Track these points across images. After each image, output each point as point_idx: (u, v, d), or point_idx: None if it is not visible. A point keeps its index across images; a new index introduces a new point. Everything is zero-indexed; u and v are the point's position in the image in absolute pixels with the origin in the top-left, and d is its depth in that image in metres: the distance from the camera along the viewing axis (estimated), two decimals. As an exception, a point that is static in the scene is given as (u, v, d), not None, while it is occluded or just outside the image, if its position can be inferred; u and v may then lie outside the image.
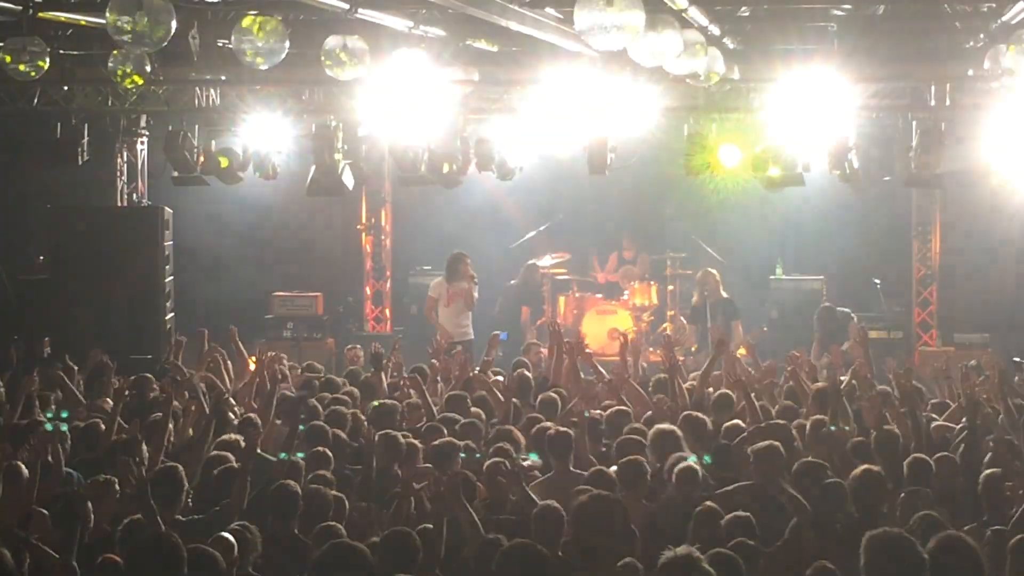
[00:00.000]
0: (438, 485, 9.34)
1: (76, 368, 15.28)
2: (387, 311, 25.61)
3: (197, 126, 19.24)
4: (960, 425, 12.54)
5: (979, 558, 7.51)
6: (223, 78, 18.89)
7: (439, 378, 15.49)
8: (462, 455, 11.35)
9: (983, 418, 12.34)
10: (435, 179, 19.48)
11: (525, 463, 11.14)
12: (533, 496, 9.54)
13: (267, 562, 9.12)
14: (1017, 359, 17.40)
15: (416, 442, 11.92)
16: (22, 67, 14.01)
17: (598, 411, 13.24)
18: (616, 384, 13.95)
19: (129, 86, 16.58)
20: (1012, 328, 21.47)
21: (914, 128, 18.06)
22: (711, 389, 14.22)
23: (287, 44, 13.78)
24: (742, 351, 18.22)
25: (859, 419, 13.00)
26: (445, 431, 12.29)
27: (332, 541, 8.52)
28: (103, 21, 11.98)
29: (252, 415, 12.99)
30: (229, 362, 15.98)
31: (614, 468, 10.76)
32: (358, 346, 19.74)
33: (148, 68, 15.64)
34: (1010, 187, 19.02)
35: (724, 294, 21.63)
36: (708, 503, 9.78)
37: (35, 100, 18.84)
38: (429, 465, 11.27)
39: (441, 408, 13.69)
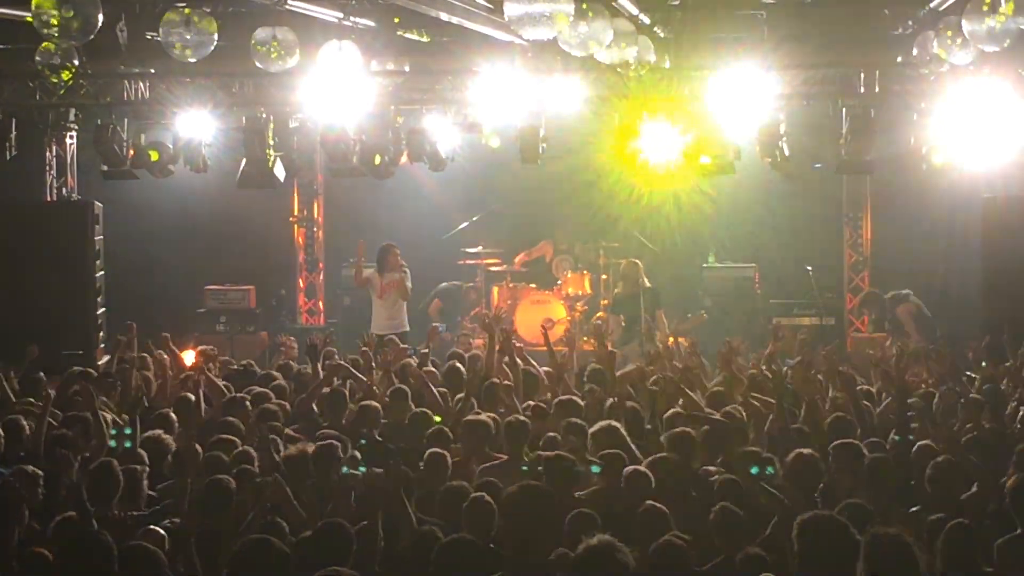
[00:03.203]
0: (373, 479, 9.29)
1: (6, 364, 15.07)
2: (320, 303, 25.57)
3: (126, 119, 19.08)
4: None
5: (912, 552, 7.50)
6: (152, 71, 18.77)
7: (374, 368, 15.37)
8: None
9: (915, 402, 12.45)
10: (367, 171, 19.41)
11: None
12: (411, 512, 9.33)
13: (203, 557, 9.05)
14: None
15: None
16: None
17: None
18: (554, 376, 13.94)
19: (56, 80, 16.45)
20: (942, 313, 21.60)
21: (844, 115, 18.14)
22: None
23: (216, 36, 13.72)
24: (670, 340, 18.24)
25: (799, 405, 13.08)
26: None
27: (246, 537, 8.43)
28: (29, 14, 11.90)
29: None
30: (167, 357, 15.85)
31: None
32: (291, 337, 19.64)
33: (76, 61, 15.50)
34: (942, 172, 19.17)
35: (647, 283, 21.60)
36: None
37: (-39, 95, 18.68)
38: None
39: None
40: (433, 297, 23.59)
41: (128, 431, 11.74)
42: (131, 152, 18.96)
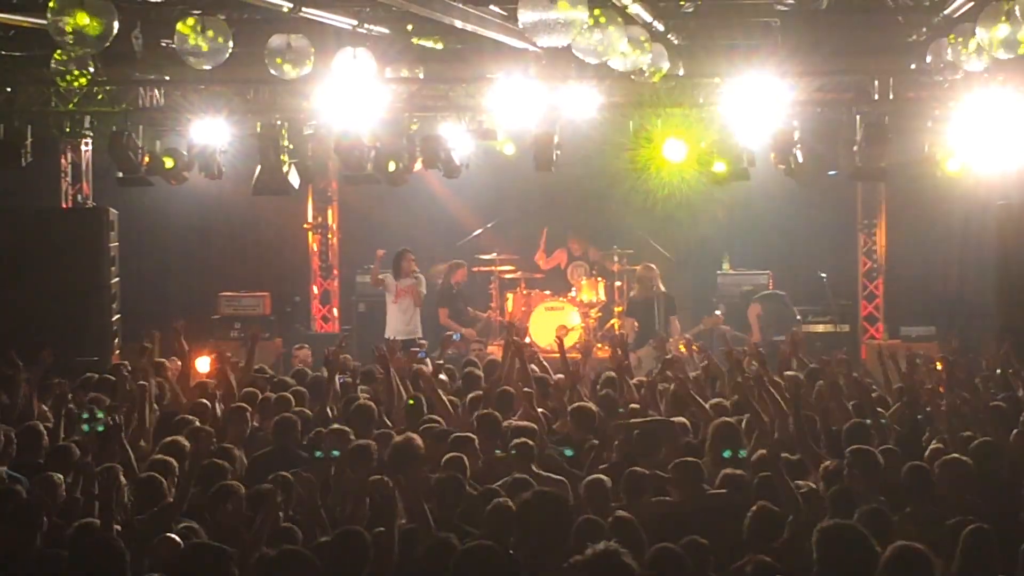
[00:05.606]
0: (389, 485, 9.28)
1: (22, 365, 15.00)
2: (335, 310, 25.58)
3: (141, 126, 19.08)
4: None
5: (930, 563, 7.49)
6: (167, 78, 18.79)
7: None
8: None
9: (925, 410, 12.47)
10: (381, 177, 19.44)
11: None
12: (430, 518, 9.32)
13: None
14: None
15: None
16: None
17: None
18: (566, 383, 13.92)
19: (70, 86, 16.48)
20: (956, 320, 21.59)
21: (858, 122, 18.12)
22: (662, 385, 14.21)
23: (231, 43, 13.73)
24: (681, 347, 18.32)
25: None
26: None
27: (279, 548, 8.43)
28: (45, 22, 11.92)
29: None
30: (180, 363, 15.87)
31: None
32: (305, 346, 19.63)
33: (91, 68, 15.52)
34: (957, 179, 19.17)
35: (663, 289, 21.67)
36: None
37: (-24, 102, 18.70)
38: None
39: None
40: (435, 305, 23.52)
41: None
42: (146, 159, 18.97)
